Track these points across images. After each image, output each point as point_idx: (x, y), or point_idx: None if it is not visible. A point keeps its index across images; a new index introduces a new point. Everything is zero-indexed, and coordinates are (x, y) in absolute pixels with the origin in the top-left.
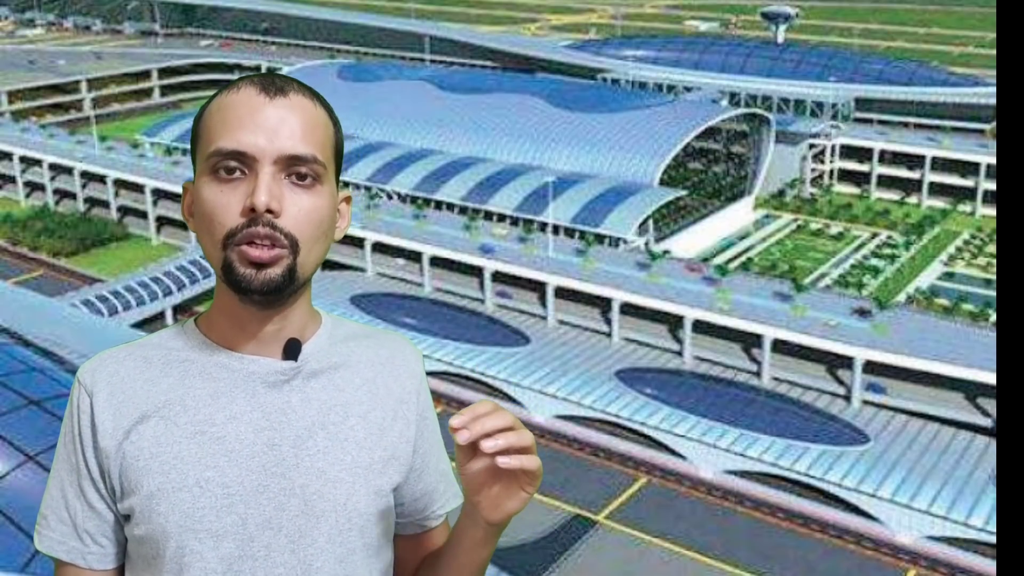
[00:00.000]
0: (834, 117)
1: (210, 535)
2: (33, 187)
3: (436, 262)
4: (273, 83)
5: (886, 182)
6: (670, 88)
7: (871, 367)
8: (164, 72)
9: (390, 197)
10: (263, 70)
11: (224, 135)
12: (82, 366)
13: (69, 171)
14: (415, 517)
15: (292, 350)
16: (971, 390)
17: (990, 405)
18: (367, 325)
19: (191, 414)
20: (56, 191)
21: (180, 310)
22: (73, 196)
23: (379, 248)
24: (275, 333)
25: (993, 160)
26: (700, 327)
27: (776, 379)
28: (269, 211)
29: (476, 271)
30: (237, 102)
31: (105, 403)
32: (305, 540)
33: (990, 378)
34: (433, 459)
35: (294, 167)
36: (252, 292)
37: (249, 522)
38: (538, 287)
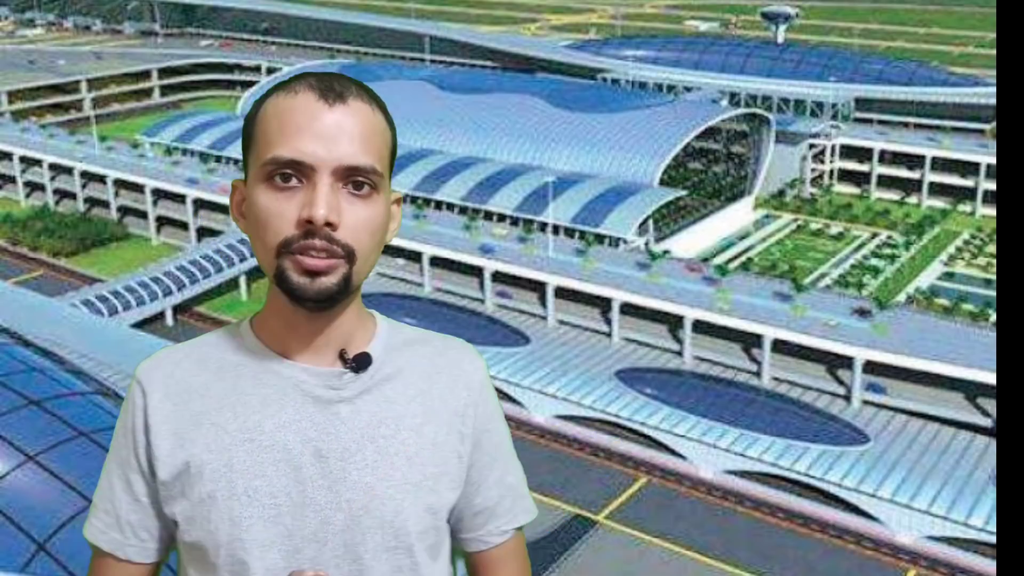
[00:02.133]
0: (834, 117)
1: (257, 545)
2: (33, 187)
3: (436, 262)
4: (332, 88)
5: (886, 182)
6: (670, 88)
7: (871, 367)
8: (164, 72)
9: None
10: (263, 70)
11: (281, 143)
12: (141, 364)
13: (69, 171)
14: (476, 533)
15: (360, 362)
16: (971, 390)
17: (990, 405)
18: (427, 331)
19: (241, 420)
20: (56, 191)
21: (180, 310)
22: (73, 196)
23: None
24: (326, 337)
25: (993, 160)
26: (700, 327)
27: (776, 379)
28: (328, 224)
29: (476, 271)
30: (295, 107)
31: (159, 404)
32: (350, 555)
33: (990, 378)
34: (495, 473)
35: (352, 177)
36: (306, 300)
37: (295, 534)
38: (538, 287)
